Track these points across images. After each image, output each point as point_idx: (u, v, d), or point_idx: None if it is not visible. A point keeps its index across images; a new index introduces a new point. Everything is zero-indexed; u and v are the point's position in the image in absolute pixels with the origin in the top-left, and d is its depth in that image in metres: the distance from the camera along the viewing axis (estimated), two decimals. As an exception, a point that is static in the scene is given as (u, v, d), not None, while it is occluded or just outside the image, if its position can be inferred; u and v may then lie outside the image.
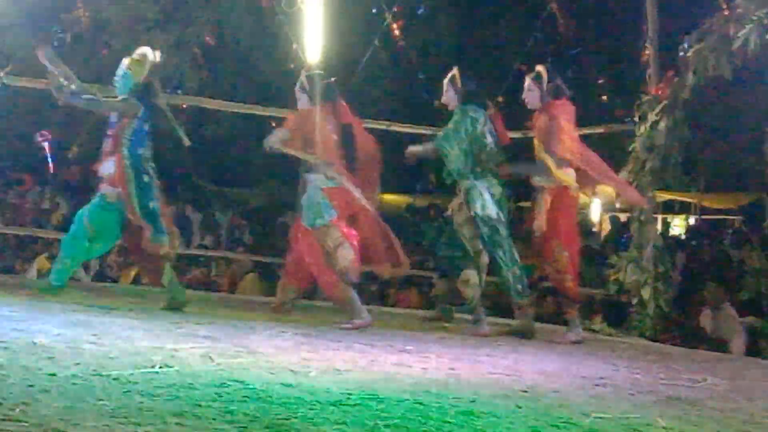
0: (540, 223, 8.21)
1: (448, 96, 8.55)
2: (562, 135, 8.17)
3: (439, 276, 9.12)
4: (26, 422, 3.73)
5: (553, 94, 8.37)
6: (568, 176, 8.19)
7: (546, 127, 8.26)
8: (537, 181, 8.34)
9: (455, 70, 8.54)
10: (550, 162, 8.12)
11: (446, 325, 8.71)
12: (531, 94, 8.43)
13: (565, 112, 8.35)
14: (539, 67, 8.55)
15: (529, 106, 8.50)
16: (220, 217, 15.78)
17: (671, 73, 9.18)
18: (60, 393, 4.31)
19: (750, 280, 9.39)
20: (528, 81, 8.45)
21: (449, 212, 8.67)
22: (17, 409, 3.91)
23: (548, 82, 8.36)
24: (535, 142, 8.35)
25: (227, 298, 9.90)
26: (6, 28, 12.70)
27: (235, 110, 13.04)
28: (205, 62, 17.27)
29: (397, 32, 11.45)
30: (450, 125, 8.38)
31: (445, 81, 8.57)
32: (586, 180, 8.38)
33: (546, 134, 8.25)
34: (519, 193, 8.59)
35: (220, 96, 14.20)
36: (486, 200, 8.19)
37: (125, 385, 4.63)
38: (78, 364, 5.07)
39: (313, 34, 10.65)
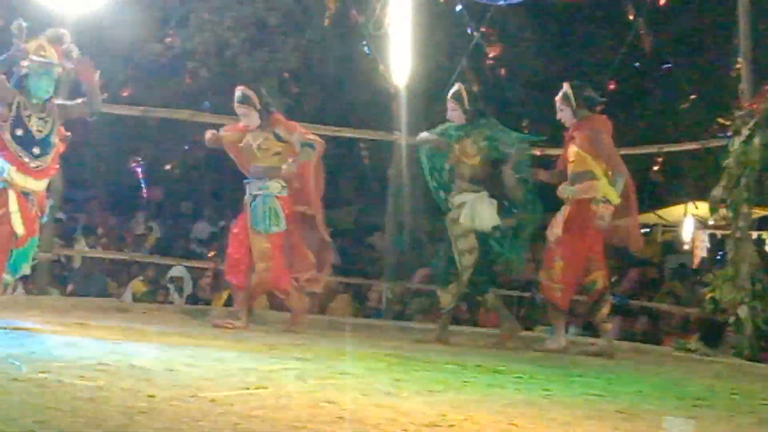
0: (556, 231, 8.35)
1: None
2: (611, 150, 8.40)
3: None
4: (125, 445, 3.80)
5: (588, 105, 8.48)
6: (613, 191, 8.22)
7: (590, 140, 8.32)
8: (561, 191, 8.40)
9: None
10: (600, 176, 8.22)
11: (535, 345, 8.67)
12: (563, 113, 8.54)
13: (605, 126, 8.49)
14: (565, 86, 8.62)
15: (566, 125, 8.56)
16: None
17: (766, 87, 9.05)
18: (158, 415, 4.37)
19: None
20: (558, 101, 8.57)
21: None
22: (117, 431, 3.98)
23: (576, 97, 8.42)
24: (579, 154, 8.33)
25: (318, 319, 9.93)
26: (99, 57, 12.98)
27: (323, 133, 13.12)
28: (292, 86, 17.42)
29: (486, 53, 11.43)
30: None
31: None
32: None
33: (595, 147, 8.32)
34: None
35: (307, 119, 14.33)
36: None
37: (221, 406, 4.67)
38: (175, 386, 5.14)
39: (400, 56, 10.69)
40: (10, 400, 4.44)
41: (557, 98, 8.58)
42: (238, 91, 8.62)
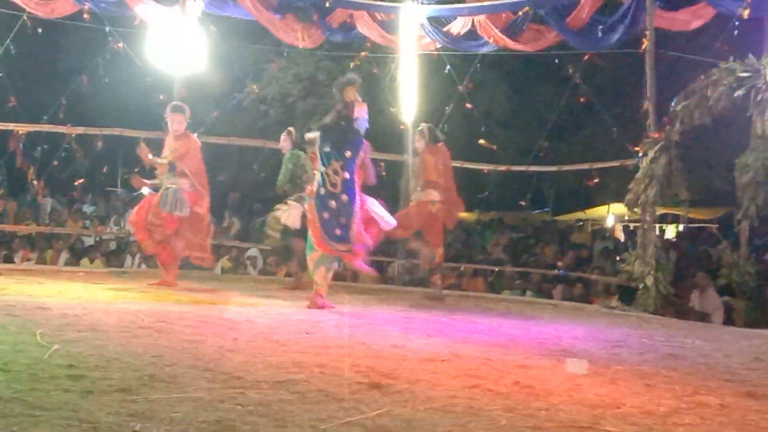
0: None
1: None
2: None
3: None
4: (218, 372, 3.83)
5: (433, 140, 8.63)
6: (434, 195, 8.43)
7: (435, 161, 8.54)
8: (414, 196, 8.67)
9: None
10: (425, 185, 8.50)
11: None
12: (419, 143, 8.71)
13: (440, 153, 8.64)
14: (422, 125, 8.89)
15: (419, 151, 8.73)
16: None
17: (665, 122, 9.04)
18: (241, 352, 4.42)
19: (725, 271, 9.16)
20: (417, 135, 8.77)
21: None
22: (212, 363, 4.02)
23: (429, 133, 8.61)
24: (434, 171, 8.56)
25: (351, 286, 9.95)
26: (200, 100, 13.00)
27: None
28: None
29: (465, 97, 11.46)
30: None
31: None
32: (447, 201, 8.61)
33: (445, 168, 8.64)
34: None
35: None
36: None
37: (284, 346, 4.71)
38: (252, 332, 5.18)
39: (408, 101, 10.72)
40: (136, 342, 4.49)
41: (418, 134, 8.79)
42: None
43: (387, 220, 7.30)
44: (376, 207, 7.28)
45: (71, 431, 2.72)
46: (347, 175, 6.90)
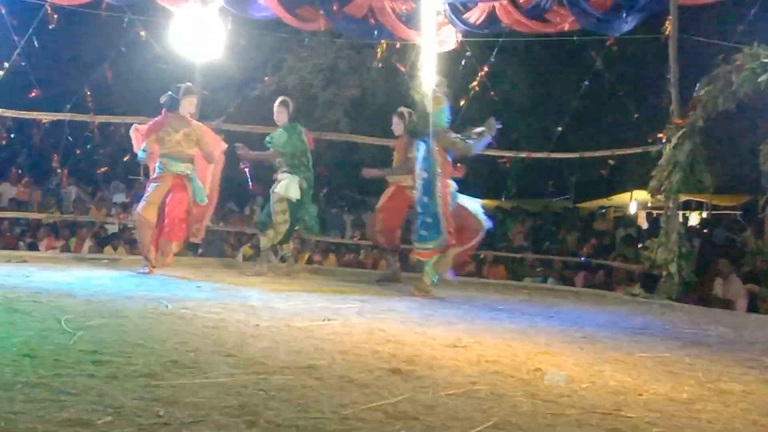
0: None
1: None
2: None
3: None
4: (240, 357, 3.86)
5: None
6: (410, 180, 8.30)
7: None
8: (390, 179, 8.75)
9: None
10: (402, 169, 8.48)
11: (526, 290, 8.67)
12: (397, 126, 8.68)
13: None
14: (402, 108, 8.82)
15: (396, 134, 8.74)
16: (366, 216, 15.87)
17: (689, 107, 8.97)
18: (262, 338, 4.44)
19: (749, 258, 9.10)
20: (395, 117, 8.74)
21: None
22: (234, 349, 4.04)
23: (409, 116, 8.51)
24: (397, 155, 8.71)
25: (372, 273, 9.97)
26: (221, 89, 13.04)
27: (372, 143, 13.15)
28: (353, 111, 17.46)
29: (484, 86, 11.41)
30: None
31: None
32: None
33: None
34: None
35: (362, 133, 14.35)
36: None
37: (306, 332, 4.73)
38: (274, 318, 5.20)
39: (428, 88, 10.65)
40: (160, 328, 4.53)
41: (395, 116, 8.77)
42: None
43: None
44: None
45: (96, 416, 2.74)
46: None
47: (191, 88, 8.18)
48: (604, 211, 18.83)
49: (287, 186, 8.37)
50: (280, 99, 8.94)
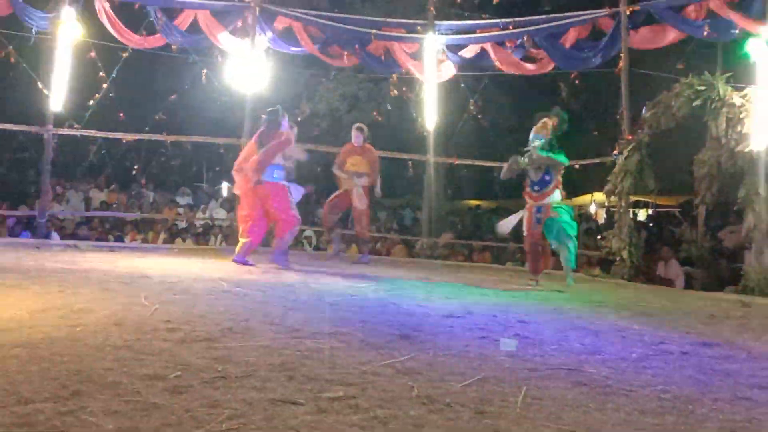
0: (362, 203, 8.52)
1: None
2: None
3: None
4: (282, 325, 3.87)
5: (368, 140, 8.73)
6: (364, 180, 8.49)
7: (371, 157, 8.60)
8: (356, 182, 8.49)
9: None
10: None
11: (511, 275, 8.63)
12: (357, 138, 8.63)
13: (368, 151, 8.63)
14: (361, 124, 8.86)
15: (356, 144, 8.63)
16: (380, 214, 15.86)
17: (638, 126, 8.93)
18: (299, 310, 4.45)
19: (686, 246, 9.04)
20: (355, 131, 8.69)
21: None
22: (277, 319, 4.05)
23: (367, 131, 8.70)
24: (363, 162, 8.55)
25: (385, 259, 9.97)
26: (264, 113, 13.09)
27: (386, 155, 13.13)
28: (372, 131, 17.45)
29: (475, 110, 11.38)
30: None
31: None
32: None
33: (373, 162, 8.62)
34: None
35: (378, 148, 14.34)
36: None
37: (334, 305, 4.74)
38: (310, 294, 5.22)
39: (430, 113, 10.68)
40: (219, 303, 4.55)
41: (355, 129, 8.72)
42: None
43: None
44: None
45: (169, 371, 2.77)
46: None
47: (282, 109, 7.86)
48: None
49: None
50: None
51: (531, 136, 7.14)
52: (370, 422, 2.36)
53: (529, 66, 10.31)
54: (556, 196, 7.02)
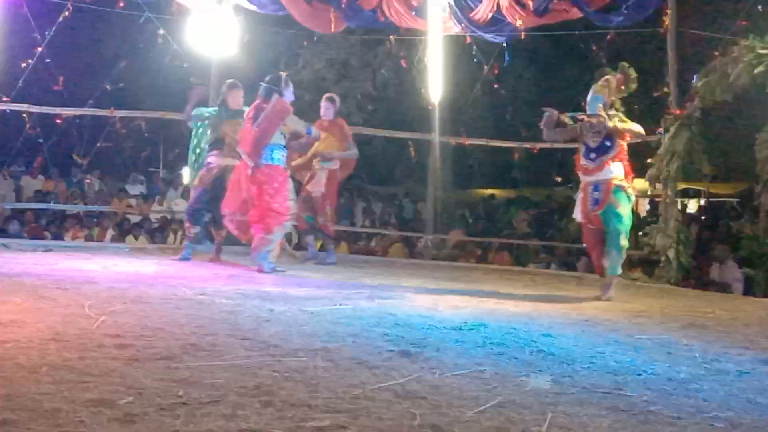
0: (319, 188, 8.41)
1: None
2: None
3: None
4: (256, 340, 3.88)
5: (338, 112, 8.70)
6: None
7: (342, 131, 8.50)
8: (322, 163, 8.44)
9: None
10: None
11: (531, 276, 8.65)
12: (327, 111, 8.55)
13: (338, 125, 8.57)
14: (331, 94, 8.87)
15: (325, 118, 8.55)
16: (375, 206, 15.89)
17: (687, 98, 8.94)
18: (276, 322, 4.46)
19: (745, 243, 9.05)
20: (326, 102, 8.61)
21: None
22: (249, 333, 4.06)
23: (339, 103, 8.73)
24: (332, 138, 8.45)
25: (381, 260, 9.97)
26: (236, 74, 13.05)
27: (383, 134, 13.16)
28: (365, 105, 17.45)
29: (490, 78, 11.37)
30: None
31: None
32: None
33: (345, 139, 8.49)
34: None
35: (376, 126, 14.37)
36: None
37: (318, 316, 4.74)
38: (287, 303, 5.22)
39: (434, 82, 10.64)
40: (179, 313, 4.55)
41: (325, 99, 8.65)
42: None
43: None
44: None
45: (118, 396, 2.77)
46: None
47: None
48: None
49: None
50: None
51: (589, 97, 6.73)
52: (363, 457, 2.37)
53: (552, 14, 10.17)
54: (618, 169, 6.57)
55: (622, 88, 6.83)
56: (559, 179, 18.07)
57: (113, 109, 10.36)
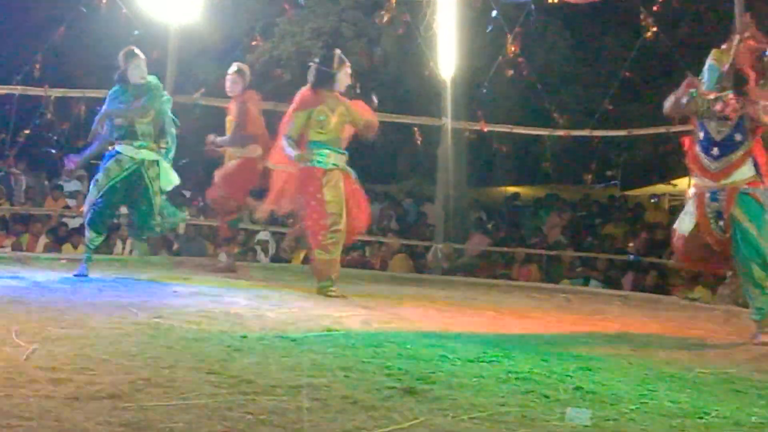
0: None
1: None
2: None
3: None
4: (224, 374, 3.88)
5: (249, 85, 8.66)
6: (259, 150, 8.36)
7: (252, 112, 8.54)
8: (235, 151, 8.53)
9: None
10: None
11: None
12: (235, 86, 8.55)
13: (255, 99, 8.66)
14: (239, 65, 8.78)
15: (231, 94, 8.61)
16: (372, 208, 15.87)
17: (758, 75, 8.92)
18: (250, 351, 4.46)
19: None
20: (234, 75, 8.57)
21: None
22: (217, 365, 4.06)
23: (250, 77, 8.66)
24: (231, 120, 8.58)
25: (379, 274, 9.98)
26: (198, 57, 13.06)
27: (384, 119, 13.13)
28: (360, 82, 17.49)
29: (515, 51, 11.35)
30: None
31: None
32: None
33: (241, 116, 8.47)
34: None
35: (372, 109, 14.33)
36: None
37: (301, 345, 4.75)
38: (263, 328, 5.22)
39: (446, 53, 10.66)
40: (129, 340, 4.55)
41: (234, 73, 8.58)
42: None
43: None
44: None
45: (54, 443, 2.77)
46: None
47: (341, 56, 7.80)
48: (657, 199, 18.77)
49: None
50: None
51: (706, 67, 6.16)
52: None
53: None
54: (748, 170, 5.91)
55: (747, 55, 6.07)
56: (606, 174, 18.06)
57: (47, 87, 10.37)
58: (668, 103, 6.32)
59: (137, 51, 7.76)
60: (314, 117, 7.31)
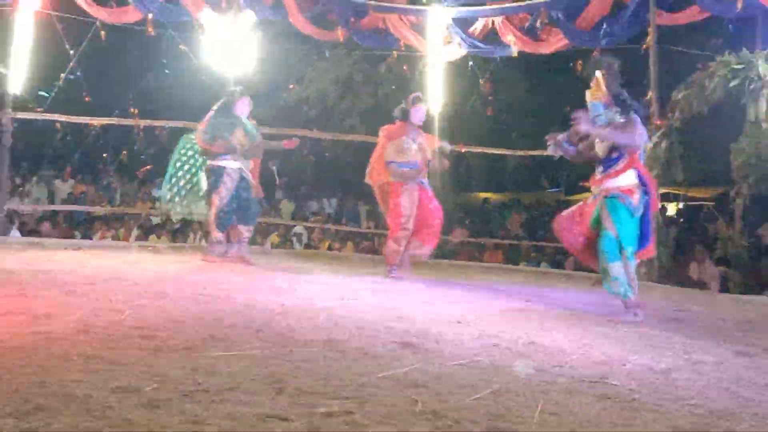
0: None
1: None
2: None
3: None
4: (268, 332, 3.87)
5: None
6: None
7: None
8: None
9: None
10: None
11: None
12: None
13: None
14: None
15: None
16: (379, 208, 15.85)
17: (668, 110, 8.93)
18: (288, 315, 4.44)
19: (721, 244, 9.04)
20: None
21: None
22: (263, 326, 4.05)
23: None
24: None
25: (382, 259, 9.93)
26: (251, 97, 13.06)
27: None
28: (369, 119, 17.49)
29: (486, 91, 11.36)
30: None
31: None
32: None
33: None
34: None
35: (378, 134, 14.32)
36: None
37: (327, 310, 4.72)
38: (298, 298, 5.20)
39: (435, 94, 10.66)
40: (198, 307, 4.54)
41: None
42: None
43: None
44: None
45: (144, 384, 2.77)
46: None
47: (419, 97, 7.46)
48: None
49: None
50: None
51: (588, 105, 5.75)
52: (369, 440, 2.36)
53: (544, 43, 10.28)
54: (625, 179, 5.45)
55: (611, 82, 5.92)
56: (549, 184, 18.08)
57: (137, 119, 10.38)
58: (580, 158, 6.16)
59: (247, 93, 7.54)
60: (399, 144, 7.16)
